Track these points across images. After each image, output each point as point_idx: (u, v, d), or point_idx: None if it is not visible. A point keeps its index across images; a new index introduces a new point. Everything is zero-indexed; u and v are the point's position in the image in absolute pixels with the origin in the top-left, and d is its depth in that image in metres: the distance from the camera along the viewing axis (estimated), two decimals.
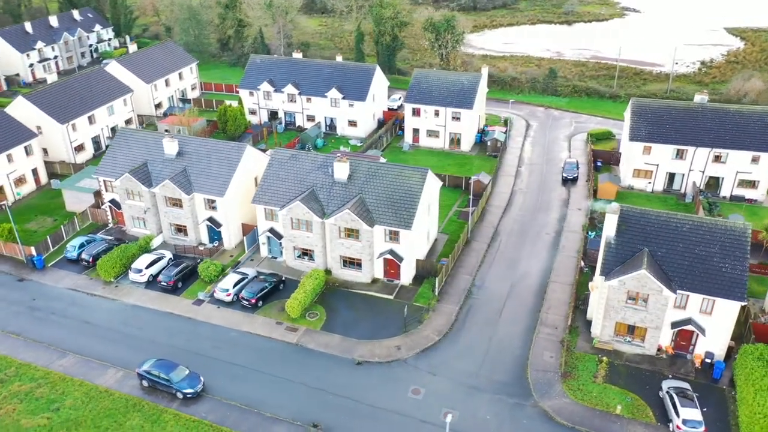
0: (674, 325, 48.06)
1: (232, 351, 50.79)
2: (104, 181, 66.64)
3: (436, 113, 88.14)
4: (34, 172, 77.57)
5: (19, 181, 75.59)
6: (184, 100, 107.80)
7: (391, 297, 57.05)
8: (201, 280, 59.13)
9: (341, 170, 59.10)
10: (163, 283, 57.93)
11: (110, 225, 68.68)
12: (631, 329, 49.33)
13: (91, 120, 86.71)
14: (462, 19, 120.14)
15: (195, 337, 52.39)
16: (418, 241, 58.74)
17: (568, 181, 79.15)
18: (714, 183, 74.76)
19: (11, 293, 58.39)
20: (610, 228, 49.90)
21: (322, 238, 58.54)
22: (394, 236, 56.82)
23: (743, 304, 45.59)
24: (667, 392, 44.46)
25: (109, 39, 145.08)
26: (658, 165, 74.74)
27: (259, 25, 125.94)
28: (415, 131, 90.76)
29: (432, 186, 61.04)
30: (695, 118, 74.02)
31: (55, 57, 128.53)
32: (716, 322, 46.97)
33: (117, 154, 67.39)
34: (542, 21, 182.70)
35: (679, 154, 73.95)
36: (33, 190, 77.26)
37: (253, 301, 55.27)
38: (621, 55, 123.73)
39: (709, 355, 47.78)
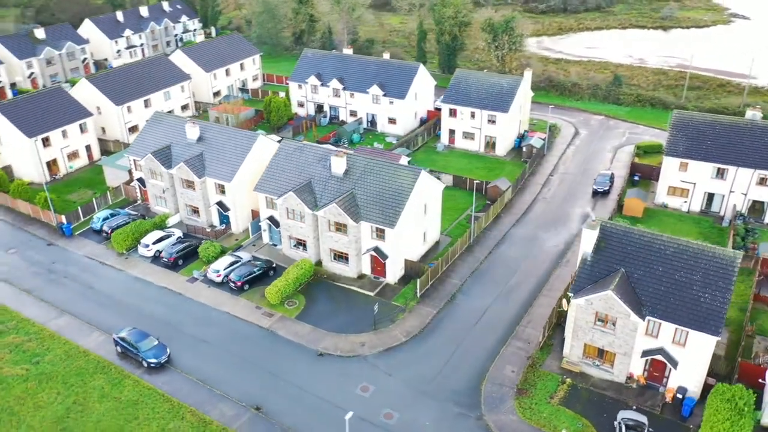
0: (645, 353, 44.86)
1: (207, 329, 53.17)
2: (134, 160, 71.61)
3: (472, 115, 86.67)
4: (88, 148, 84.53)
5: (73, 155, 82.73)
6: (243, 89, 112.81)
7: (371, 294, 57.27)
8: (200, 259, 62.21)
9: (338, 165, 59.95)
10: (164, 259, 61.58)
11: (138, 202, 73.70)
12: (601, 353, 46.60)
13: (146, 103, 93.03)
14: (524, 21, 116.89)
15: (179, 312, 55.30)
16: (406, 240, 58.43)
17: (598, 194, 75.28)
18: (759, 208, 68.45)
19: (37, 255, 64.30)
20: (587, 244, 47.27)
21: (314, 230, 59.72)
22: (380, 233, 56.94)
23: (717, 338, 41.75)
24: (620, 423, 41.71)
25: (194, 30, 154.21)
26: (695, 184, 69.31)
27: (327, 20, 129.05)
28: (451, 132, 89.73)
29: (430, 187, 60.47)
30: (741, 135, 67.95)
31: (141, 45, 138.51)
32: (690, 355, 43.34)
33: (147, 136, 72.19)
34: (635, 26, 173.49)
35: (720, 174, 68.20)
36: (85, 164, 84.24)
37: (239, 284, 57.43)
38: (711, 65, 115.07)
39: (681, 390, 44.14)
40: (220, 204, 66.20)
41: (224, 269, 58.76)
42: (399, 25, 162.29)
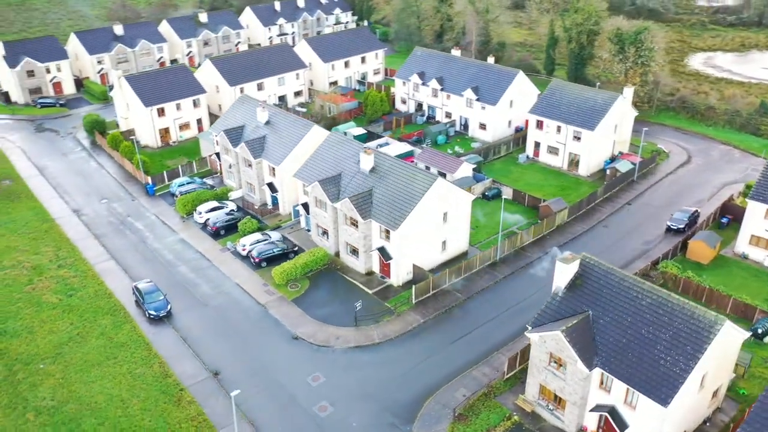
0: (597, 408, 40.34)
1: (214, 295, 57.99)
2: (216, 135, 79.26)
3: (558, 129, 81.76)
4: (198, 121, 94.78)
5: (184, 126, 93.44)
6: (362, 82, 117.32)
7: (370, 291, 57.90)
8: (238, 233, 67.42)
9: (365, 162, 61.10)
10: (209, 227, 67.87)
11: (217, 174, 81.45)
12: (557, 398, 42.76)
13: (259, 87, 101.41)
14: (659, 33, 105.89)
15: (200, 276, 60.89)
16: (415, 245, 57.93)
17: (672, 232, 67.22)
18: None
19: (120, 207, 74.45)
20: (560, 279, 43.41)
21: (333, 221, 61.71)
22: (386, 234, 57.23)
23: (664, 408, 36.21)
24: None
25: (346, 22, 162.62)
26: None
27: (460, 20, 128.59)
28: (537, 145, 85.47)
29: (454, 196, 59.10)
30: None
31: (293, 33, 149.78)
32: (640, 420, 38.18)
33: (230, 115, 79.35)
34: None
35: None
36: (194, 135, 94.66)
37: (257, 260, 61.52)
38: None
39: None
40: (270, 185, 70.98)
41: (250, 245, 63.30)
42: (528, 31, 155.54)
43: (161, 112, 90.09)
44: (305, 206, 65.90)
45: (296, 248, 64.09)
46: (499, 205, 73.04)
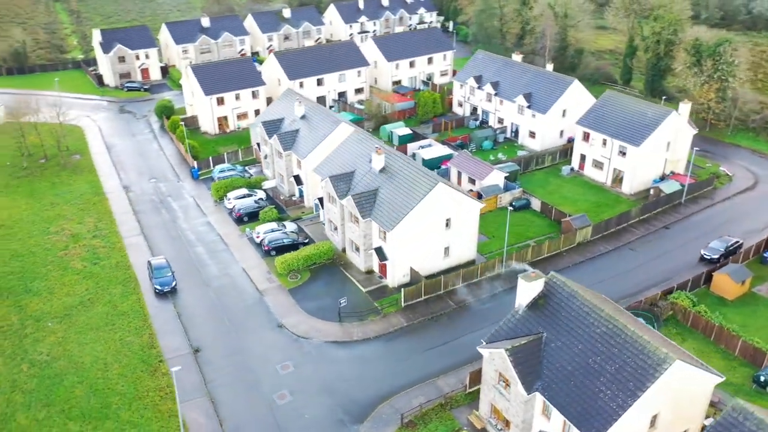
0: None
1: (220, 277, 60.90)
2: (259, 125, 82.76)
3: (604, 143, 77.67)
4: (257, 112, 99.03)
5: (242, 116, 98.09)
6: (426, 82, 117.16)
7: (363, 290, 58.39)
8: (259, 221, 70.13)
9: (376, 161, 61.52)
10: (234, 214, 71.18)
11: (260, 163, 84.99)
12: (506, 419, 41.27)
13: (319, 82, 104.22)
14: (744, 45, 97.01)
15: (213, 258, 64.13)
16: (413, 249, 57.64)
17: (705, 262, 62.08)
18: None
19: (164, 187, 79.76)
20: (523, 297, 41.72)
21: (341, 217, 62.71)
22: (384, 234, 57.41)
23: None
24: None
25: (430, 22, 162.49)
26: None
27: (537, 24, 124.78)
28: (582, 158, 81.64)
29: (459, 203, 58.18)
30: None
31: (374, 31, 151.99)
32: None
33: (274, 107, 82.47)
34: None
35: None
36: (250, 124, 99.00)
37: (267, 248, 63.87)
38: None
39: None
40: (296, 178, 73.20)
41: (264, 233, 65.78)
42: (610, 37, 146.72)
43: (220, 101, 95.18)
44: (321, 201, 67.47)
45: (307, 240, 65.83)
46: (524, 216, 71.00)
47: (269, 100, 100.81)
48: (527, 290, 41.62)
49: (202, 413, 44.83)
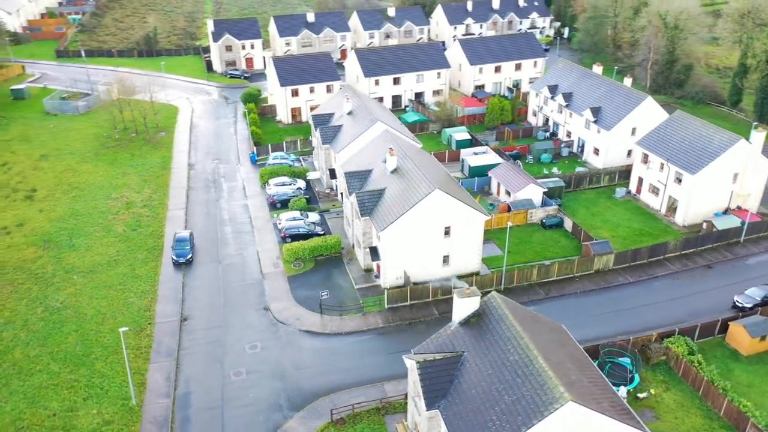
0: None
1: (233, 257, 64.72)
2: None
3: (661, 167, 71.31)
4: None
5: (315, 108, 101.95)
6: (511, 88, 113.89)
7: (356, 286, 59.21)
8: (288, 208, 73.23)
9: (390, 162, 61.80)
10: (269, 199, 74.97)
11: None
12: None
13: (396, 81, 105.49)
14: None
15: (237, 239, 68.14)
16: (408, 253, 57.37)
17: (737, 309, 55.31)
18: None
19: (224, 169, 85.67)
20: (458, 313, 40.35)
21: (351, 213, 63.87)
22: (379, 235, 57.81)
23: None
24: None
25: (542, 27, 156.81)
26: None
27: (642, 35, 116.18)
28: (640, 181, 75.48)
29: (460, 213, 56.94)
30: None
31: (479, 33, 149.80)
32: None
33: (331, 102, 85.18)
34: None
35: None
36: None
37: (283, 235, 66.75)
38: None
39: None
40: (331, 171, 75.38)
41: (285, 220, 68.77)
42: (721, 53, 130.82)
43: (295, 93, 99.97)
44: (342, 195, 69.14)
45: (323, 232, 67.80)
46: (553, 235, 67.53)
47: None
48: (462, 306, 40.35)
49: (163, 375, 48.66)
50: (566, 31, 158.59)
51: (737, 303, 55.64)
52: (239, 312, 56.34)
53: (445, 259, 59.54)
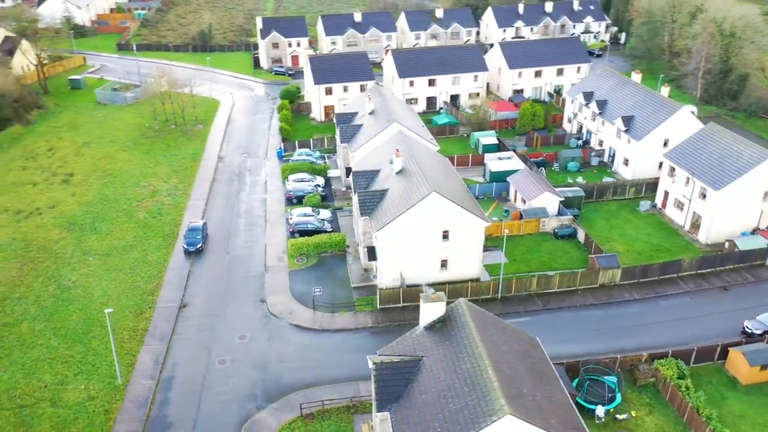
0: None
1: (242, 248, 66.46)
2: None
3: (687, 181, 68.02)
4: None
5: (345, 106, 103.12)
6: (552, 94, 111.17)
7: (352, 284, 59.62)
8: (303, 204, 74.39)
9: (396, 163, 61.74)
10: (286, 194, 76.42)
11: None
12: None
13: (431, 82, 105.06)
14: None
15: (249, 231, 69.89)
16: (405, 255, 57.19)
17: (746, 336, 52.21)
18: None
19: (251, 162, 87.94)
20: (424, 317, 40.00)
21: (356, 212, 64.28)
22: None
23: None
24: None
25: (596, 32, 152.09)
26: None
27: (693, 44, 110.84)
28: (666, 195, 72.22)
29: (460, 218, 56.32)
30: None
31: (529, 37, 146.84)
32: None
33: (356, 102, 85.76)
34: None
35: None
36: None
37: (292, 230, 67.93)
38: None
39: None
40: (348, 169, 76.02)
41: (296, 216, 69.92)
42: None
43: (329, 91, 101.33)
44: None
45: (331, 229, 68.53)
46: (564, 246, 65.72)
47: None
48: (427, 311, 40.03)
49: (152, 358, 50.64)
50: (623, 37, 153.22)
51: (747, 328, 52.50)
52: (236, 302, 57.83)
53: (444, 264, 59.04)
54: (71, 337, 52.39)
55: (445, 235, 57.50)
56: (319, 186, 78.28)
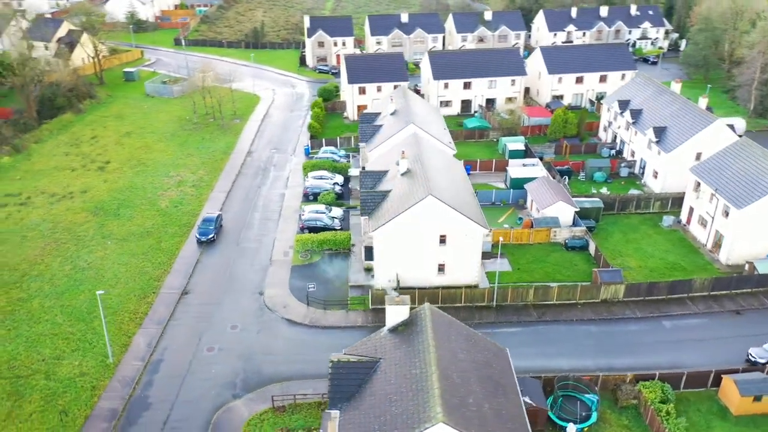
0: None
1: (251, 241, 68.08)
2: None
3: (711, 198, 64.62)
4: None
5: None
6: (593, 101, 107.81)
7: (349, 283, 60.04)
8: (317, 201, 75.42)
9: (402, 164, 61.73)
10: (303, 191, 77.70)
11: None
12: None
13: (466, 85, 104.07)
14: None
15: (261, 224, 71.60)
16: (400, 257, 57.21)
17: (750, 363, 49.25)
18: None
19: (278, 158, 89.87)
20: (390, 319, 39.95)
21: None
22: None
23: None
24: None
25: (655, 38, 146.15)
26: None
27: (748, 53, 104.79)
28: (691, 211, 68.83)
29: (457, 223, 55.77)
30: None
31: (582, 42, 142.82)
32: None
33: (381, 103, 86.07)
34: None
35: None
36: None
37: (301, 226, 69.09)
38: None
39: None
40: (363, 168, 76.42)
41: (308, 212, 70.99)
42: None
43: (362, 91, 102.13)
44: None
45: (340, 227, 69.19)
46: (572, 258, 63.89)
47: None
48: (392, 314, 40.02)
49: (146, 341, 52.78)
50: (683, 44, 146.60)
51: (751, 356, 49.52)
52: (235, 293, 59.42)
53: (441, 268, 58.61)
54: (76, 315, 55.36)
55: (443, 240, 57.10)
56: (338, 184, 79.12)
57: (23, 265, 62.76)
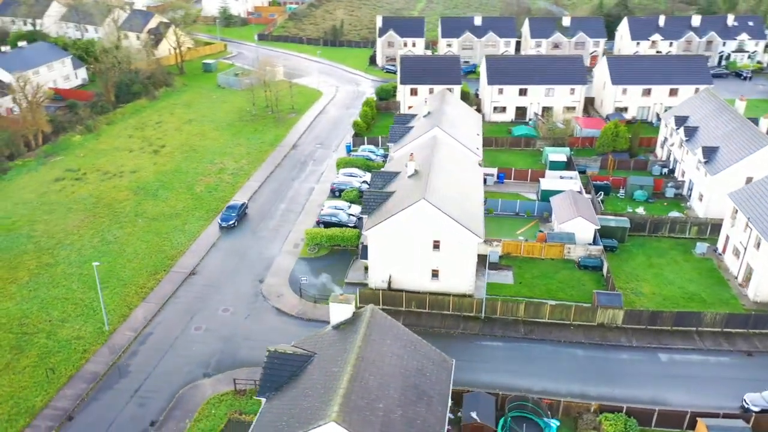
0: None
1: (269, 230, 70.52)
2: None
3: (746, 227, 59.08)
4: None
5: None
6: (659, 115, 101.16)
7: (345, 280, 60.71)
8: (340, 197, 76.53)
9: (409, 167, 61.49)
10: (330, 187, 79.18)
11: None
12: None
13: (522, 92, 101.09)
14: None
15: (283, 217, 73.74)
16: (393, 260, 57.26)
17: (743, 410, 44.86)
18: None
19: (319, 153, 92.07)
20: (334, 317, 40.29)
21: None
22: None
23: None
24: None
25: (753, 52, 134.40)
26: None
27: None
28: (727, 239, 63.23)
29: (451, 229, 55.00)
30: None
31: (668, 52, 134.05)
32: None
33: (420, 105, 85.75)
34: None
35: None
36: None
37: (317, 220, 70.53)
38: None
39: None
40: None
41: (327, 208, 72.30)
42: None
43: (413, 92, 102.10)
44: None
45: (354, 225, 69.95)
46: (582, 277, 60.93)
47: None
48: (335, 311, 40.41)
49: (144, 314, 56.38)
50: None
51: (745, 403, 45.09)
52: (238, 279, 61.92)
53: (435, 274, 57.94)
54: (90, 284, 59.99)
55: (436, 245, 56.46)
56: (366, 182, 79.93)
57: (60, 234, 68.86)
